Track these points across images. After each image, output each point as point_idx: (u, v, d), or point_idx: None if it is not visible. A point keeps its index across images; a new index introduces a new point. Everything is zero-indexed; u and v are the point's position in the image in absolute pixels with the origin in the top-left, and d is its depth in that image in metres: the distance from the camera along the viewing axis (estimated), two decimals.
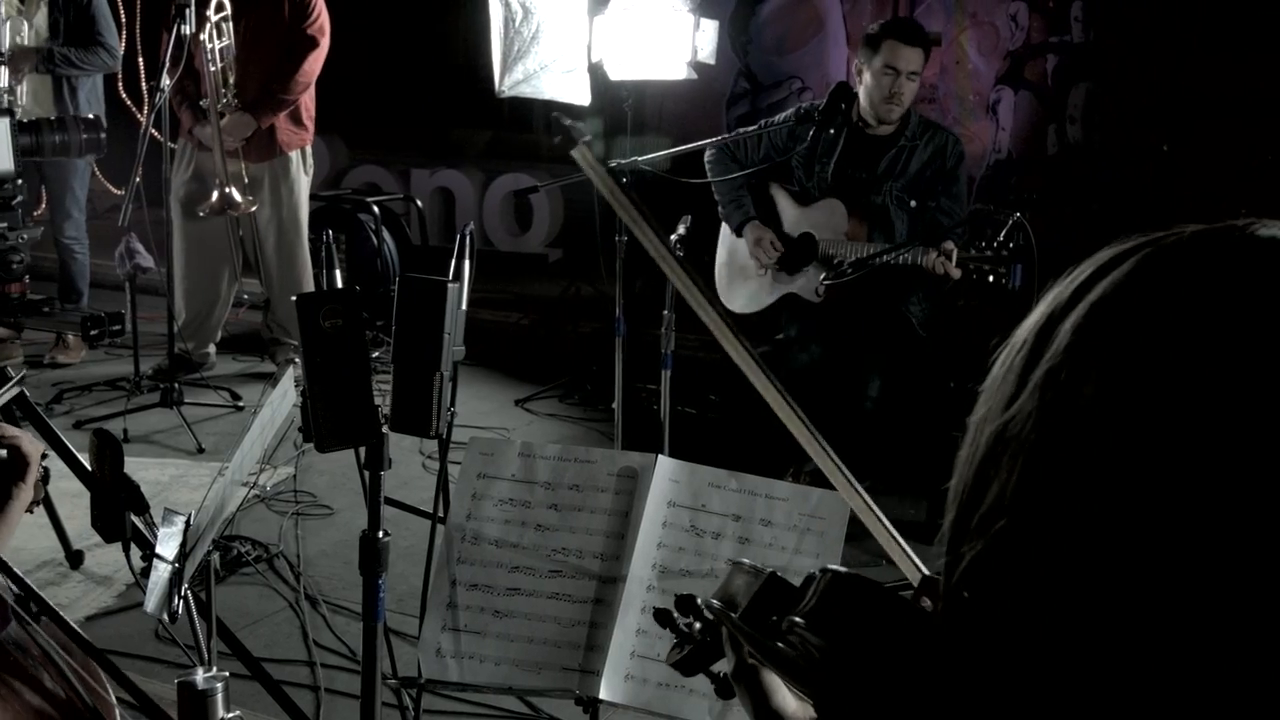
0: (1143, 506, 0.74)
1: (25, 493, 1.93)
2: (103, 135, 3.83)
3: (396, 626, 3.24)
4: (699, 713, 1.92)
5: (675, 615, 1.31)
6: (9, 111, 3.54)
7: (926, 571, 1.44)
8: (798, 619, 1.01)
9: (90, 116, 3.87)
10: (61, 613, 2.10)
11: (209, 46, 5.62)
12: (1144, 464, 0.74)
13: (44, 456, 2.06)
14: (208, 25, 5.59)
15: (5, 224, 3.45)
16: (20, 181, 3.61)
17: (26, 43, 5.96)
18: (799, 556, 1.97)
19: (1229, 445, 0.72)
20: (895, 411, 4.62)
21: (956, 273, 4.29)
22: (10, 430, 1.96)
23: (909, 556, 1.53)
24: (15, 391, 3.38)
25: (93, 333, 3.53)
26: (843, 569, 1.01)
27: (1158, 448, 0.74)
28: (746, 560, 1.22)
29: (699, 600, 1.28)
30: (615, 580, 2.00)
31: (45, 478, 2.04)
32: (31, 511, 2.04)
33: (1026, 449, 0.80)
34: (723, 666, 1.25)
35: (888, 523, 1.52)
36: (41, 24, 6.06)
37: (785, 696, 1.19)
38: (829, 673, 0.94)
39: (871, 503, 1.45)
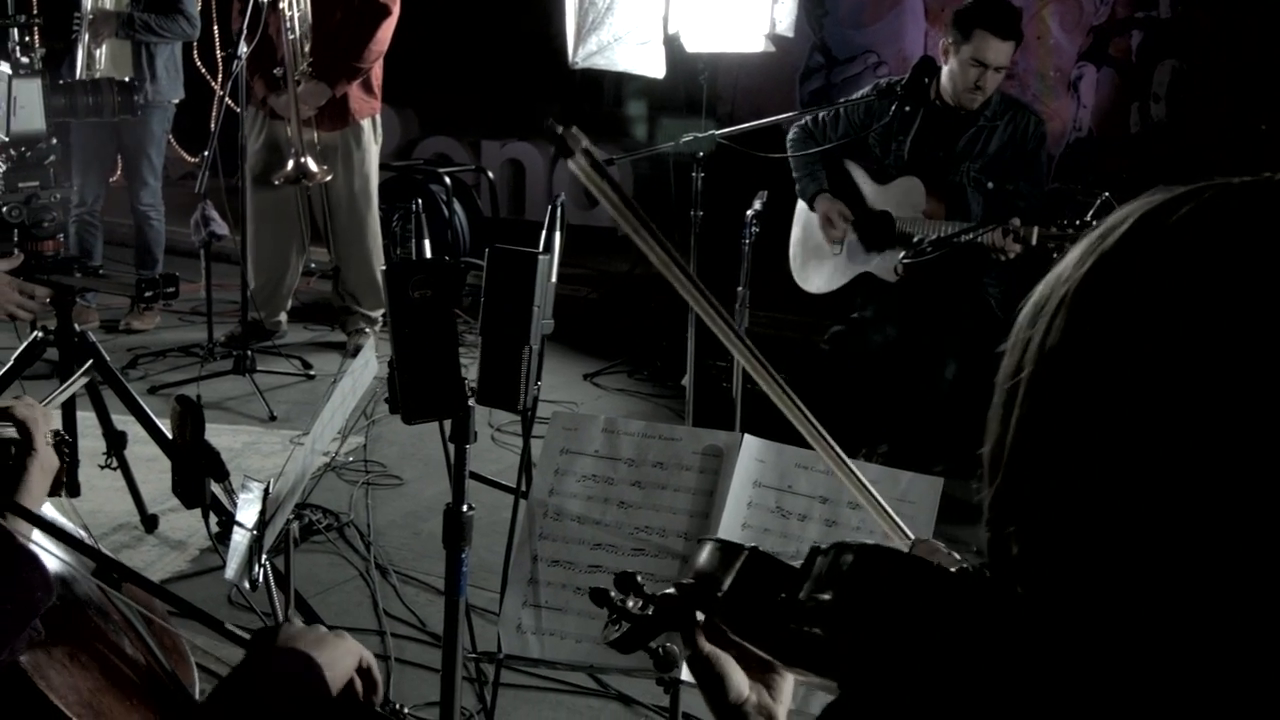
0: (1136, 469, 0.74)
1: (38, 460, 1.89)
2: (136, 99, 3.86)
3: (469, 599, 3.24)
4: None
5: (612, 594, 1.27)
6: (40, 73, 3.56)
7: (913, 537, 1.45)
8: (821, 596, 0.96)
9: (125, 79, 3.90)
10: None
11: (288, 15, 5.63)
12: (1132, 410, 0.75)
13: (65, 441, 2.03)
14: None
15: (37, 183, 3.48)
16: (54, 141, 3.64)
17: (108, 7, 6.00)
18: (888, 541, 1.92)
19: (1216, 395, 0.72)
20: (971, 394, 4.54)
21: (1016, 248, 4.20)
22: (3, 402, 1.94)
23: (898, 525, 1.54)
24: (87, 379, 3.40)
25: (146, 294, 3.56)
26: (853, 541, 0.97)
27: (1138, 396, 0.75)
28: (714, 537, 1.18)
29: (639, 578, 1.25)
30: None
31: (64, 444, 2.00)
32: (58, 494, 2.01)
33: (1027, 417, 0.82)
34: (662, 641, 1.22)
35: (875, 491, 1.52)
36: None
37: (740, 681, 1.17)
38: (861, 646, 0.90)
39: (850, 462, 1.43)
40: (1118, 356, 0.76)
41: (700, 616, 1.15)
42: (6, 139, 3.47)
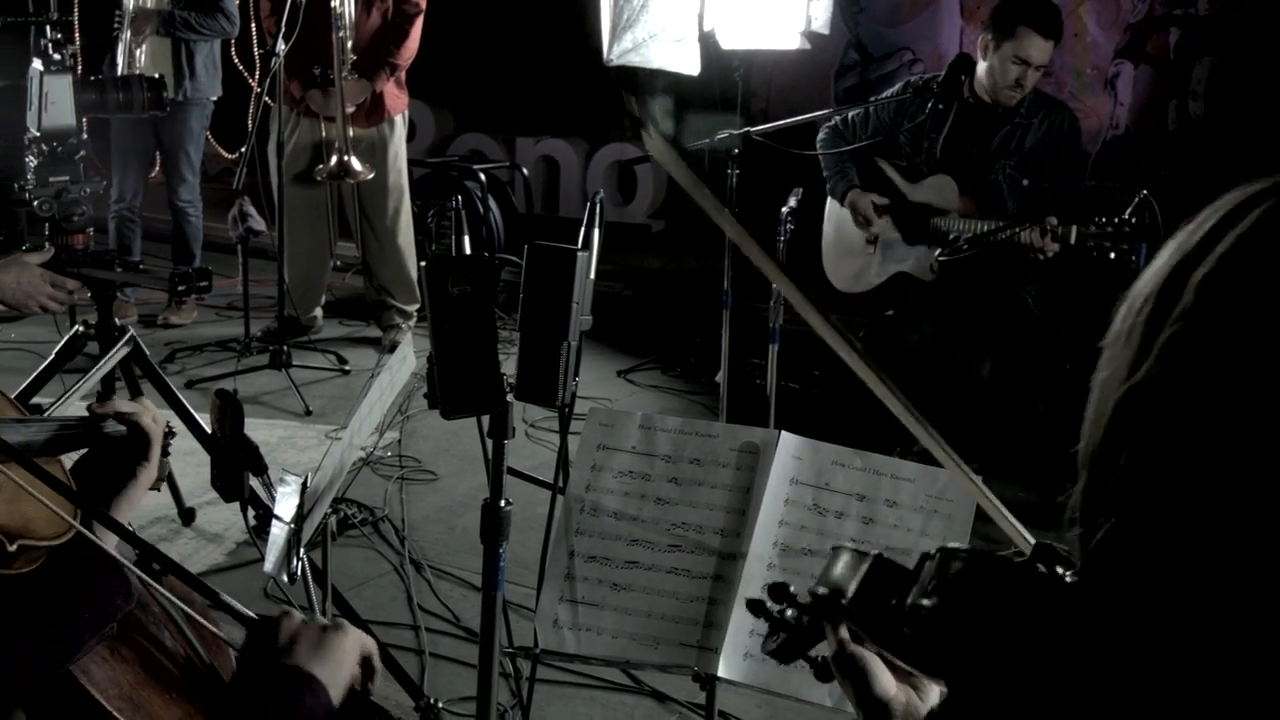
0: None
1: (149, 471, 1.89)
2: (165, 94, 3.90)
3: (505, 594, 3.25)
4: (819, 694, 1.89)
5: (768, 604, 1.29)
6: (71, 69, 3.60)
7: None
8: (924, 601, 0.97)
9: (155, 76, 3.94)
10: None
11: (338, 13, 5.68)
12: None
13: (170, 434, 2.04)
14: None
15: (67, 178, 3.52)
16: (85, 136, 3.68)
17: (148, 5, 6.05)
18: (925, 539, 1.92)
19: None
20: (1007, 393, 4.53)
21: (1054, 247, 4.17)
22: (130, 407, 1.93)
23: (1023, 535, 1.51)
24: (127, 350, 3.43)
25: (180, 288, 3.60)
26: (960, 545, 0.97)
27: None
28: (849, 543, 1.19)
29: (791, 589, 1.26)
30: (735, 557, 1.98)
31: (166, 451, 2.02)
32: (157, 489, 2.04)
33: (1156, 420, 0.77)
34: (822, 650, 1.22)
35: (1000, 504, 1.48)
36: None
37: (886, 681, 1.17)
38: (965, 652, 0.90)
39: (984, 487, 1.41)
40: (1266, 343, 0.72)
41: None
42: (38, 134, 3.51)
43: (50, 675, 1.59)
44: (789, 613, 1.26)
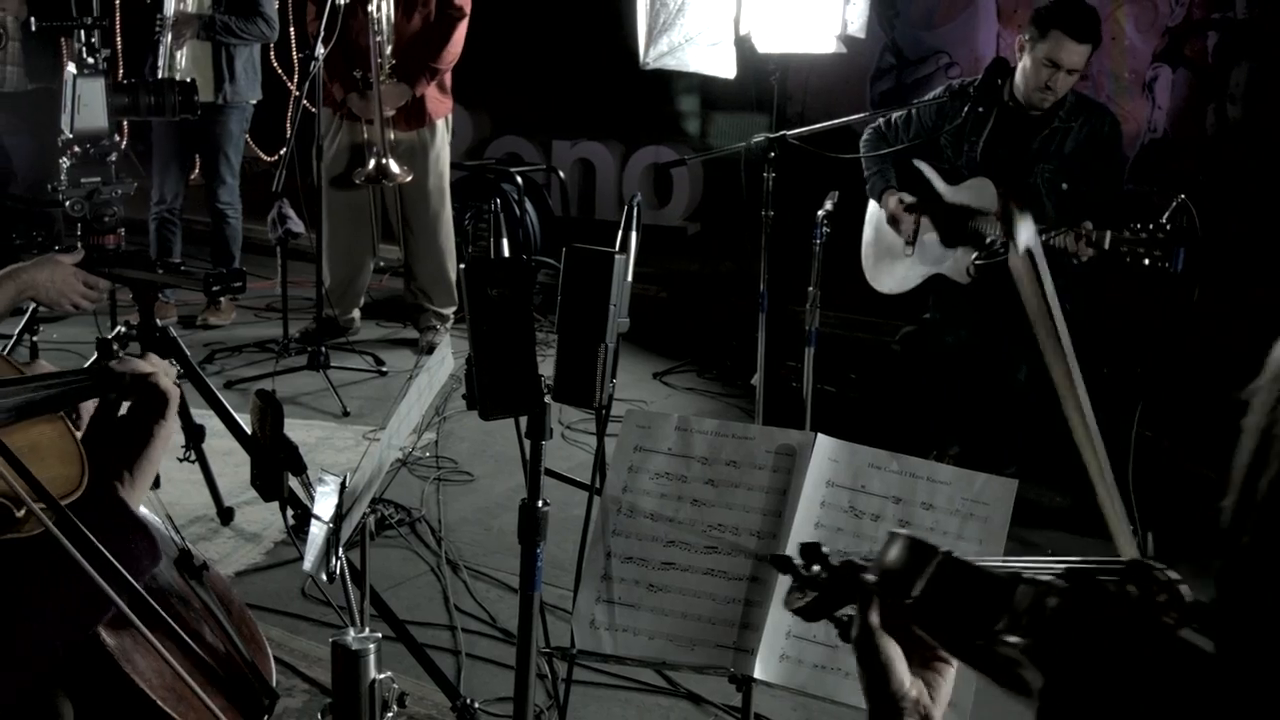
0: None
1: (166, 429, 1.84)
2: (196, 98, 3.95)
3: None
4: (855, 696, 1.89)
5: (797, 561, 1.27)
6: (103, 73, 3.66)
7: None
8: (1011, 639, 0.93)
9: (187, 80, 4.00)
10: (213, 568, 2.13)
11: (375, 17, 5.72)
12: None
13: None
14: None
15: (99, 179, 3.57)
16: (116, 138, 3.73)
17: (189, 9, 6.11)
18: (961, 542, 1.92)
19: None
20: (1044, 398, 4.50)
21: (1088, 252, 4.15)
22: (143, 367, 1.87)
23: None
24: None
25: (214, 288, 3.64)
26: (1054, 581, 0.93)
27: None
28: (903, 530, 1.17)
29: (824, 548, 1.24)
30: None
31: (186, 415, 2.00)
32: (191, 459, 2.03)
33: None
34: (849, 612, 1.21)
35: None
36: None
37: (903, 676, 1.16)
38: (1059, 697, 0.88)
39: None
40: None
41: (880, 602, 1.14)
42: (70, 136, 3.57)
43: (80, 636, 1.59)
44: (819, 572, 1.25)
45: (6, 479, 1.48)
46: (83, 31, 3.70)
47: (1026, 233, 1.11)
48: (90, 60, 3.66)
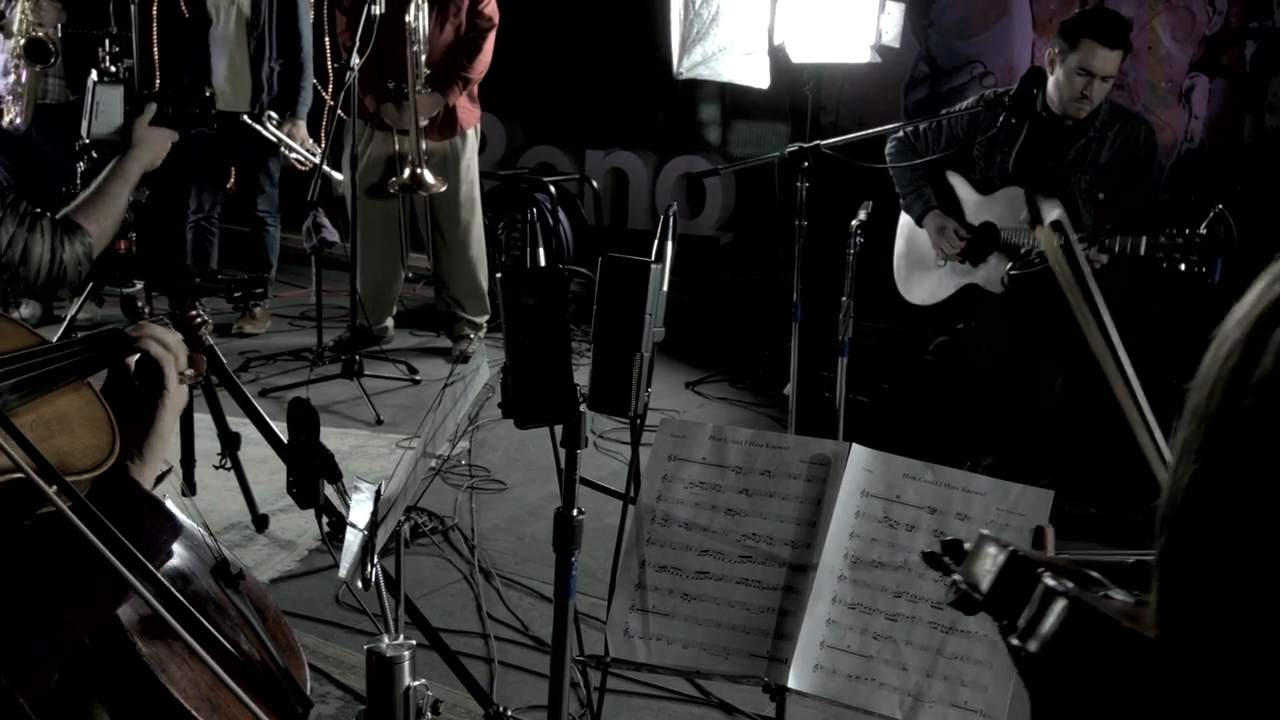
0: None
1: (171, 398, 1.75)
2: (214, 110, 4.00)
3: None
4: (889, 706, 1.89)
5: (945, 559, 1.31)
6: (125, 81, 3.70)
7: None
8: (1014, 641, 0.96)
9: (207, 93, 4.05)
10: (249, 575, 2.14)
11: (412, 27, 5.76)
12: None
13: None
14: (412, 6, 5.74)
15: None
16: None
17: (233, 24, 6.20)
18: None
19: None
20: (1078, 408, 4.48)
21: (1101, 259, 4.13)
22: (136, 331, 1.79)
23: None
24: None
25: (236, 294, 3.67)
26: (1062, 587, 0.93)
27: None
28: (991, 535, 1.17)
29: (966, 544, 1.25)
30: (806, 569, 1.98)
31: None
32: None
33: (1227, 525, 0.73)
34: None
35: None
36: (245, 3, 6.28)
37: None
38: (1046, 690, 0.90)
39: None
40: None
41: None
42: (87, 141, 3.61)
43: (103, 619, 1.57)
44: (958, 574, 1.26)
45: (17, 461, 1.42)
46: (107, 41, 3.75)
47: (1052, 208, 1.11)
48: (113, 69, 3.71)
